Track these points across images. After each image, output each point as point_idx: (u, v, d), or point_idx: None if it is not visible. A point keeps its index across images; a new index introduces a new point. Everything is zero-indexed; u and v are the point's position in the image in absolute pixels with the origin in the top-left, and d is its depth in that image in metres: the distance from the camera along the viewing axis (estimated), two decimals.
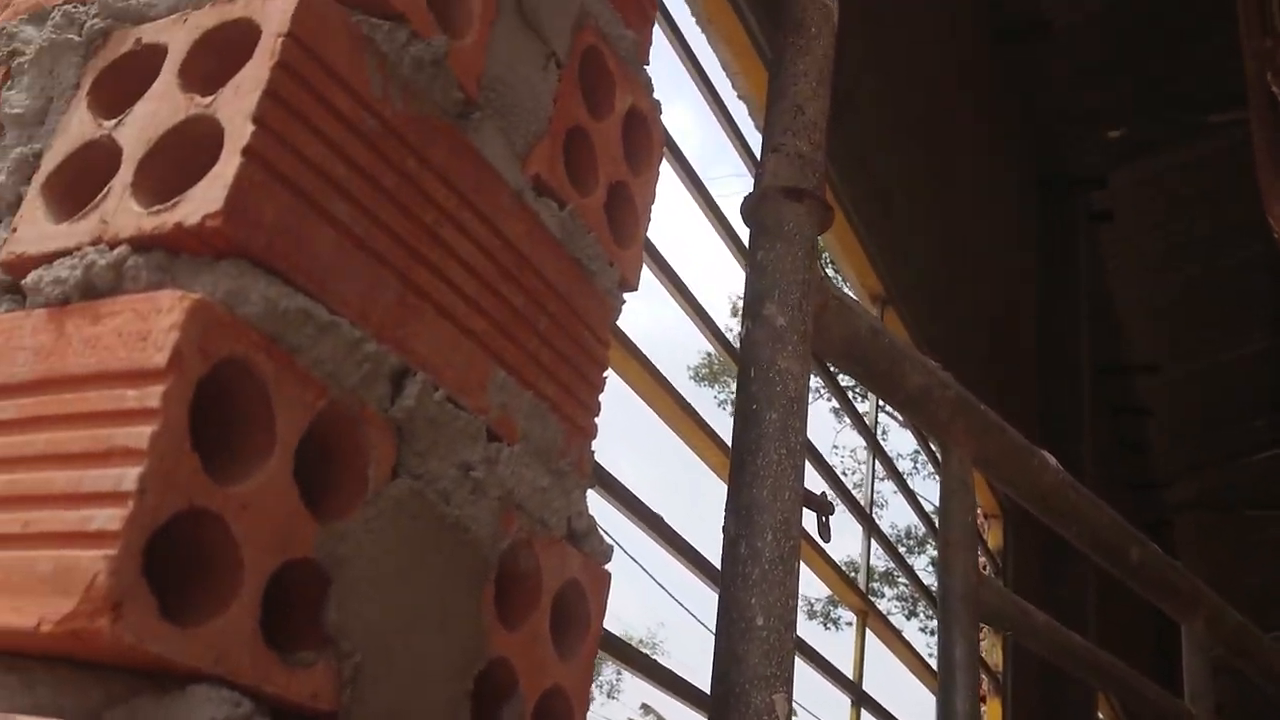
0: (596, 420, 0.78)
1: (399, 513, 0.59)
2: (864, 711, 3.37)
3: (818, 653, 3.06)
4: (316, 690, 0.53)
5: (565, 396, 0.74)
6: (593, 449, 0.77)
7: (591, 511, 0.77)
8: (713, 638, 1.14)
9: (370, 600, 0.57)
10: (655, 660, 2.53)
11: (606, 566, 0.76)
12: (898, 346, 1.36)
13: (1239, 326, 8.58)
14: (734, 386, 1.17)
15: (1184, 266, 8.20)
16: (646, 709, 20.89)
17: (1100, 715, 7.02)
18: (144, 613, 0.46)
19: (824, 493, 1.27)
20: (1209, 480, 9.93)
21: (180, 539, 0.50)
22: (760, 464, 1.15)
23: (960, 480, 1.45)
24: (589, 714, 0.75)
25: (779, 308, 1.21)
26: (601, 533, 0.76)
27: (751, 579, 1.12)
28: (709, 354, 22.10)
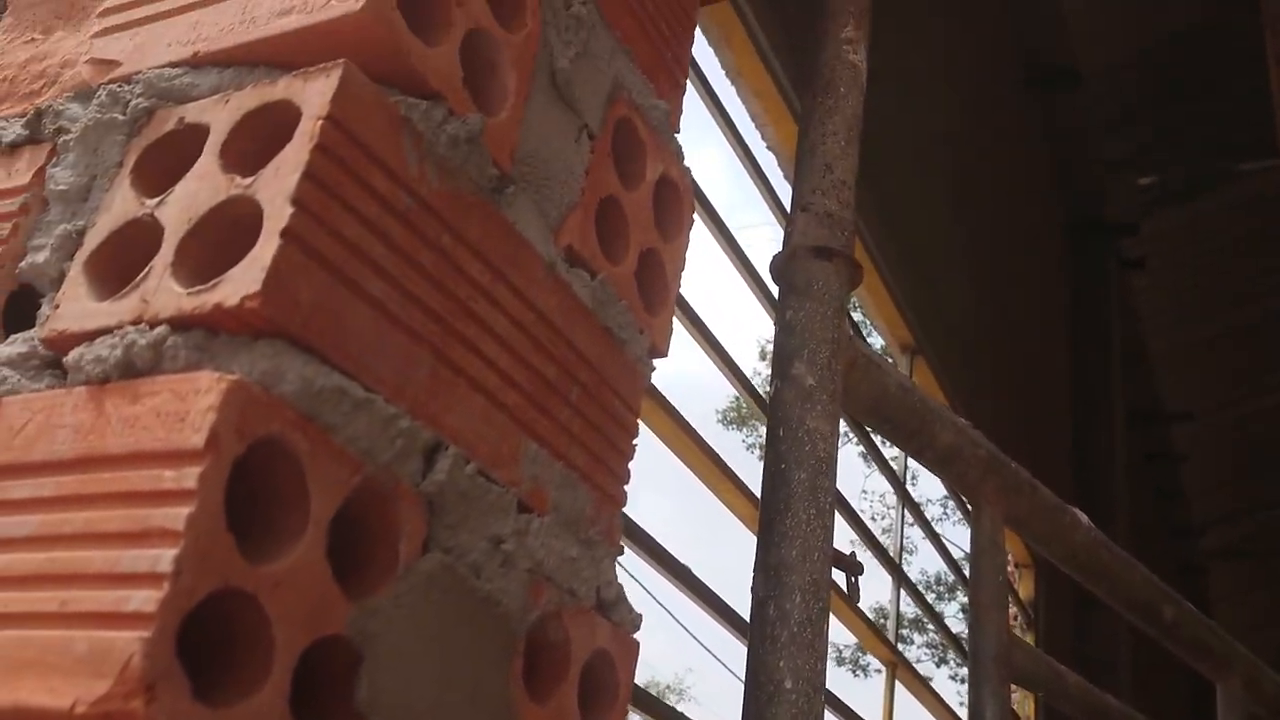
0: (626, 488, 0.78)
1: (430, 587, 0.59)
2: None
3: (847, 706, 3.03)
4: None
5: (596, 465, 0.74)
6: (621, 516, 0.77)
7: (620, 577, 0.77)
8: (740, 684, 1.13)
9: (401, 676, 0.57)
10: (681, 713, 2.51)
11: (635, 635, 0.76)
12: (928, 404, 1.36)
13: (1273, 373, 8.49)
14: (762, 430, 1.17)
15: (1217, 313, 8.14)
16: None
17: None
18: (177, 695, 0.47)
19: (853, 552, 1.26)
20: (1244, 527, 9.79)
21: (212, 616, 0.50)
22: (789, 524, 1.15)
23: (991, 539, 1.44)
24: None
25: (808, 367, 1.21)
26: (630, 601, 0.76)
27: (780, 641, 1.12)
28: (736, 398, 22.08)
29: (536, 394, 0.69)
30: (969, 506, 1.48)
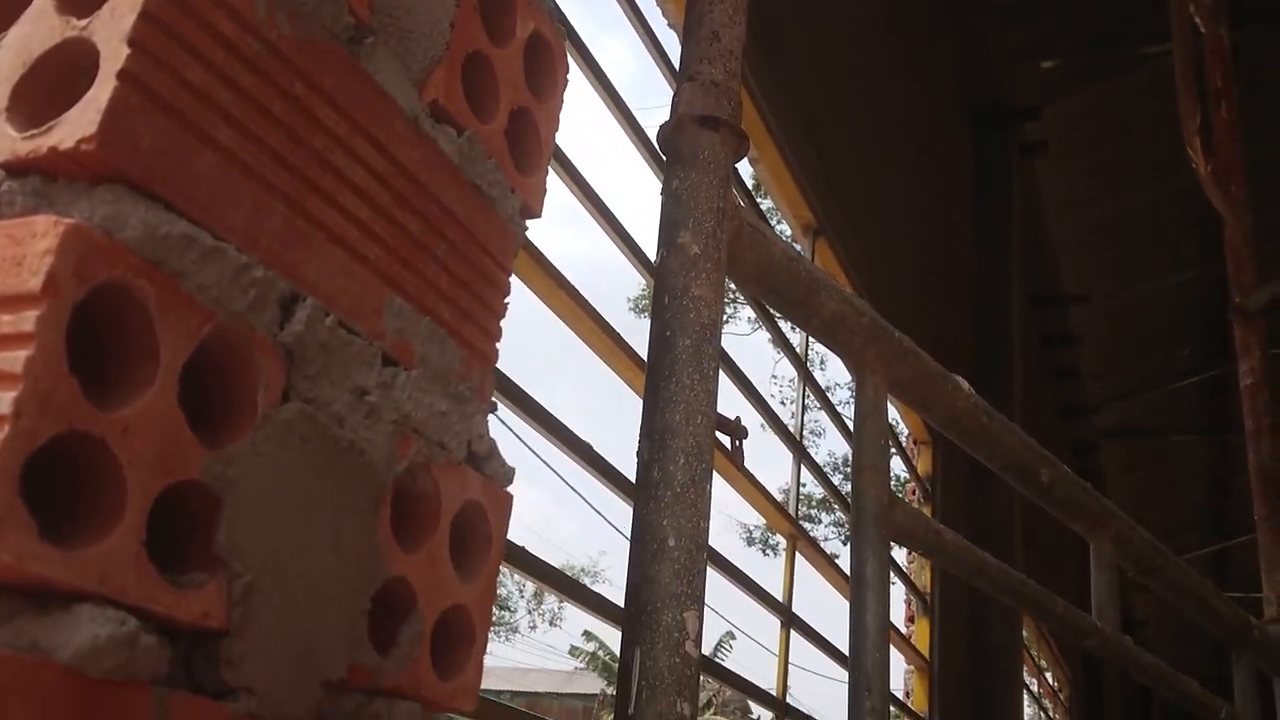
0: (498, 345, 0.79)
1: (289, 436, 0.59)
2: (793, 631, 3.46)
3: (749, 576, 3.13)
4: (207, 609, 0.54)
5: (465, 321, 0.75)
6: (495, 372, 0.78)
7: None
8: None
9: (261, 522, 0.57)
10: (595, 591, 2.57)
11: (509, 489, 0.78)
12: (812, 273, 1.38)
13: (1168, 256, 8.75)
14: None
15: (1116, 197, 8.33)
16: (589, 636, 21.17)
17: (1025, 633, 7.25)
18: (23, 534, 0.47)
19: (738, 418, 1.29)
20: (1135, 407, 10.18)
21: (65, 463, 0.50)
22: (674, 389, 1.16)
23: (874, 405, 1.48)
24: (535, 640, 0.77)
25: (693, 236, 1.22)
26: (503, 455, 0.77)
27: (664, 501, 1.14)
28: (649, 285, 22.12)
29: (400, 248, 0.69)
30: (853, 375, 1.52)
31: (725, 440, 1.19)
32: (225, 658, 0.55)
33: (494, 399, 0.78)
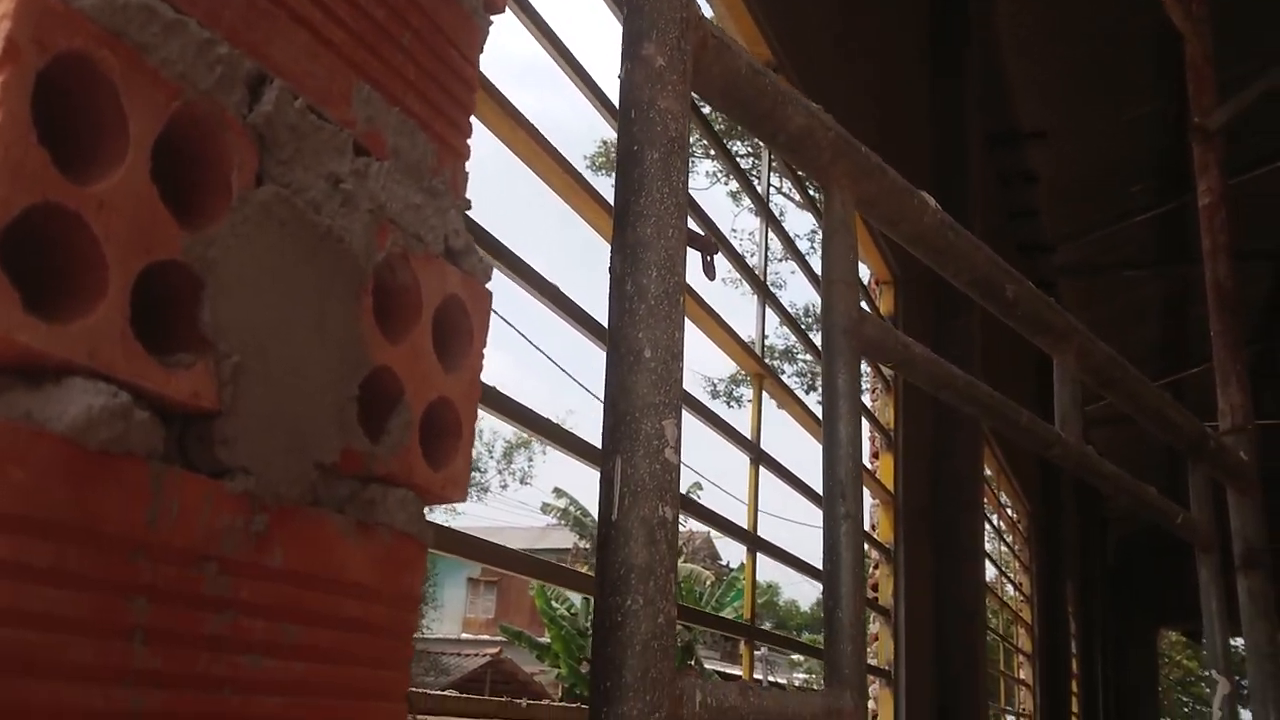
0: (469, 142, 0.77)
1: (267, 219, 0.59)
2: (762, 468, 3.53)
3: (718, 416, 3.17)
4: (197, 389, 0.54)
5: (434, 115, 0.73)
6: (467, 170, 0.77)
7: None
8: None
9: (244, 304, 0.57)
10: (568, 430, 2.59)
11: (488, 285, 0.78)
12: (779, 87, 1.36)
13: (1126, 92, 8.71)
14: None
15: (1075, 32, 8.23)
16: (559, 493, 21.52)
17: (986, 469, 7.44)
18: (7, 305, 0.46)
19: (708, 233, 1.29)
20: (1092, 244, 10.27)
21: (43, 245, 0.50)
22: (644, 203, 1.16)
23: (842, 221, 1.48)
24: (507, 498, 0.77)
25: (657, 47, 1.20)
26: (480, 252, 0.77)
27: (638, 314, 1.15)
28: (604, 142, 21.83)
29: (365, 34, 0.67)
30: (820, 193, 1.51)
31: (698, 257, 1.19)
32: (218, 438, 0.55)
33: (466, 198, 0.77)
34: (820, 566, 1.27)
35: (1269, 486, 2.85)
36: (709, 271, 1.37)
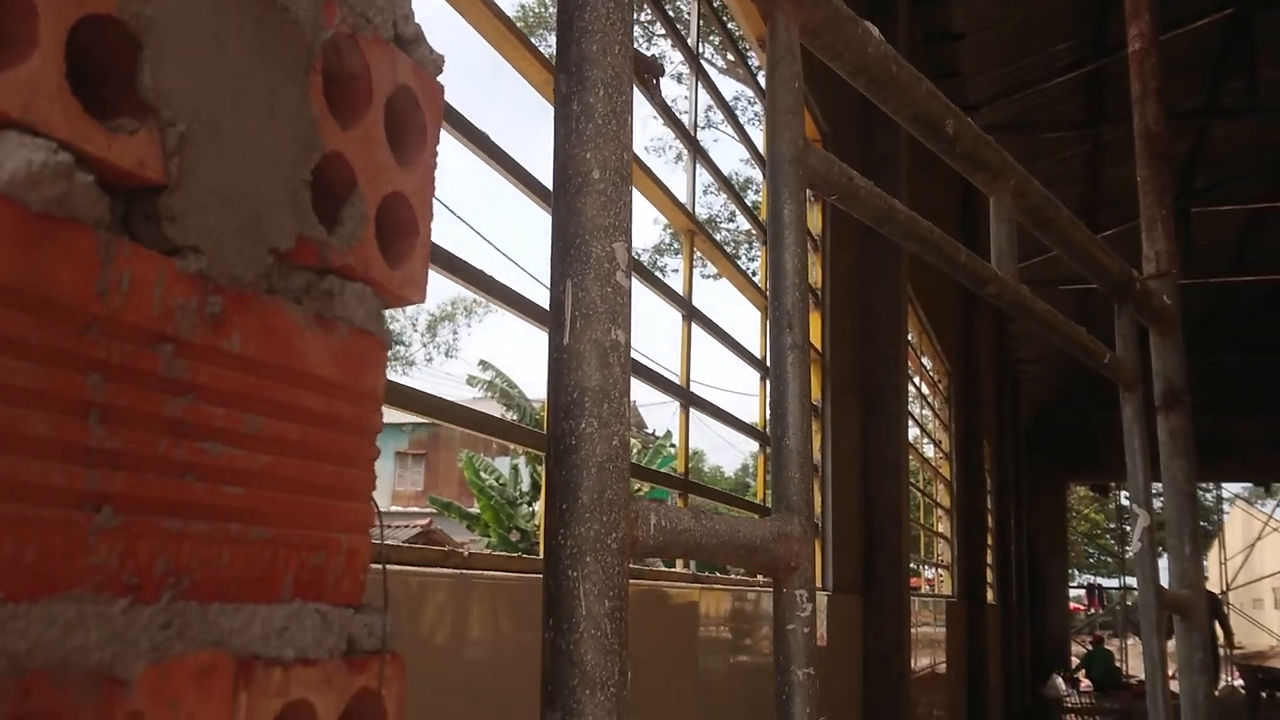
0: None
1: None
2: (694, 325, 3.53)
3: (651, 271, 3.15)
4: (141, 158, 0.51)
5: None
6: None
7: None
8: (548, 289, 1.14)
9: (187, 69, 0.53)
10: (505, 285, 2.55)
11: (439, 79, 0.74)
12: None
13: None
14: (553, 40, 1.12)
15: None
16: (485, 365, 21.49)
17: (910, 334, 7.56)
18: None
19: (653, 55, 1.25)
20: (1015, 104, 10.30)
21: None
22: (588, 18, 1.11)
23: (786, 49, 1.44)
24: (433, 372, 0.74)
25: None
26: (431, 43, 0.73)
27: (585, 134, 1.11)
28: (523, 6, 21.23)
29: None
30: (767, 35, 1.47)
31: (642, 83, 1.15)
32: (166, 213, 0.52)
33: None
34: (749, 423, 1.27)
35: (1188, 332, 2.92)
36: (656, 95, 1.33)
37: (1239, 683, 17.27)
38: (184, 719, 0.51)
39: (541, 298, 2.63)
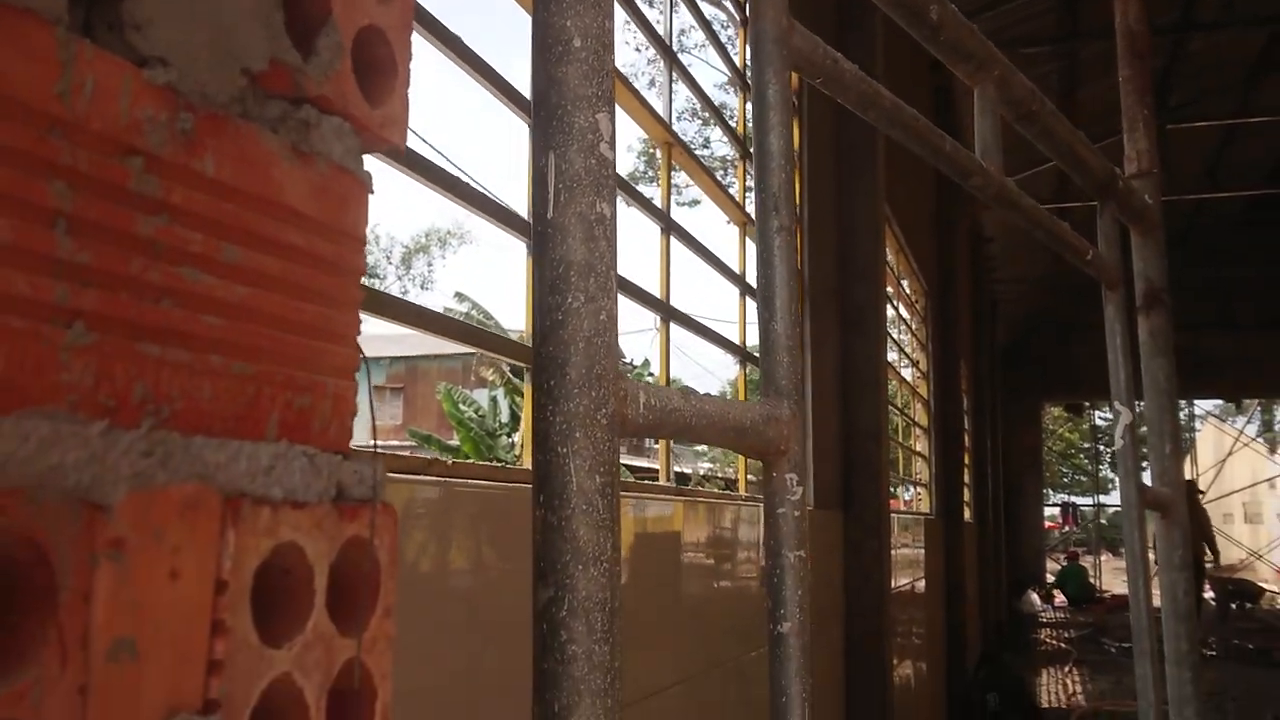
0: None
1: None
2: (672, 238, 3.50)
3: (628, 183, 3.11)
4: None
5: None
6: None
7: None
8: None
9: None
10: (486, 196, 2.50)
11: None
12: None
13: None
14: None
15: None
16: (461, 297, 21.38)
17: (888, 253, 7.54)
18: None
19: None
20: (989, 20, 10.20)
21: None
22: None
23: None
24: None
25: None
26: None
27: (565, 1, 1.08)
28: None
29: None
30: None
31: None
32: (130, 20, 0.49)
33: None
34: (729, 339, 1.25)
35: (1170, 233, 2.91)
36: None
37: (1209, 595, 17.63)
38: (169, 552, 0.49)
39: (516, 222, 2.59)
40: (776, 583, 1.15)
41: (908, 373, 9.61)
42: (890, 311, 8.23)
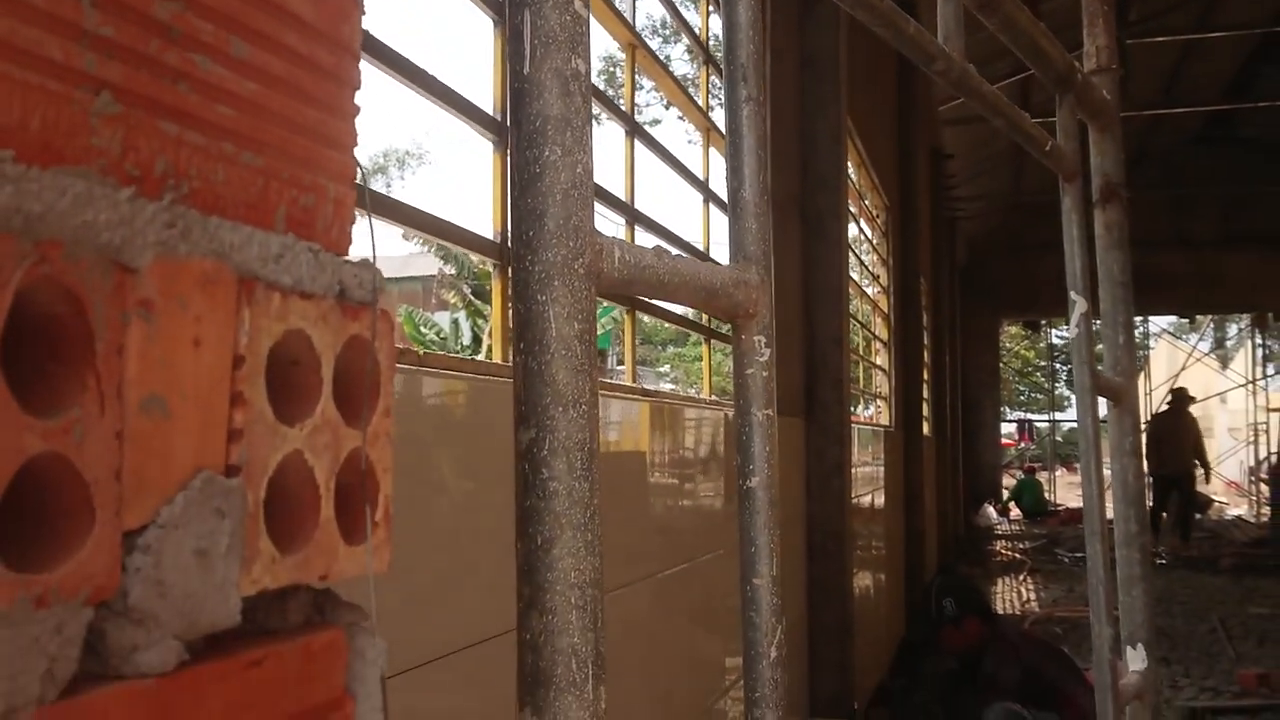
0: None
1: None
2: (636, 141, 3.51)
3: (596, 88, 3.10)
4: None
5: None
6: None
7: None
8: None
9: None
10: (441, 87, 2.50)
11: None
12: None
13: None
14: None
15: None
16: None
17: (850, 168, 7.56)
18: None
19: None
20: None
21: None
22: None
23: None
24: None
25: None
26: None
27: None
28: None
29: None
30: None
31: None
32: None
33: None
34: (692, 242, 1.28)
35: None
36: None
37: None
38: (193, 321, 0.52)
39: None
40: (745, 440, 1.19)
41: (870, 290, 9.70)
42: (853, 229, 8.28)
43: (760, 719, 1.12)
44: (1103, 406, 2.51)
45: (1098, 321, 2.69)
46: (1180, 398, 16.90)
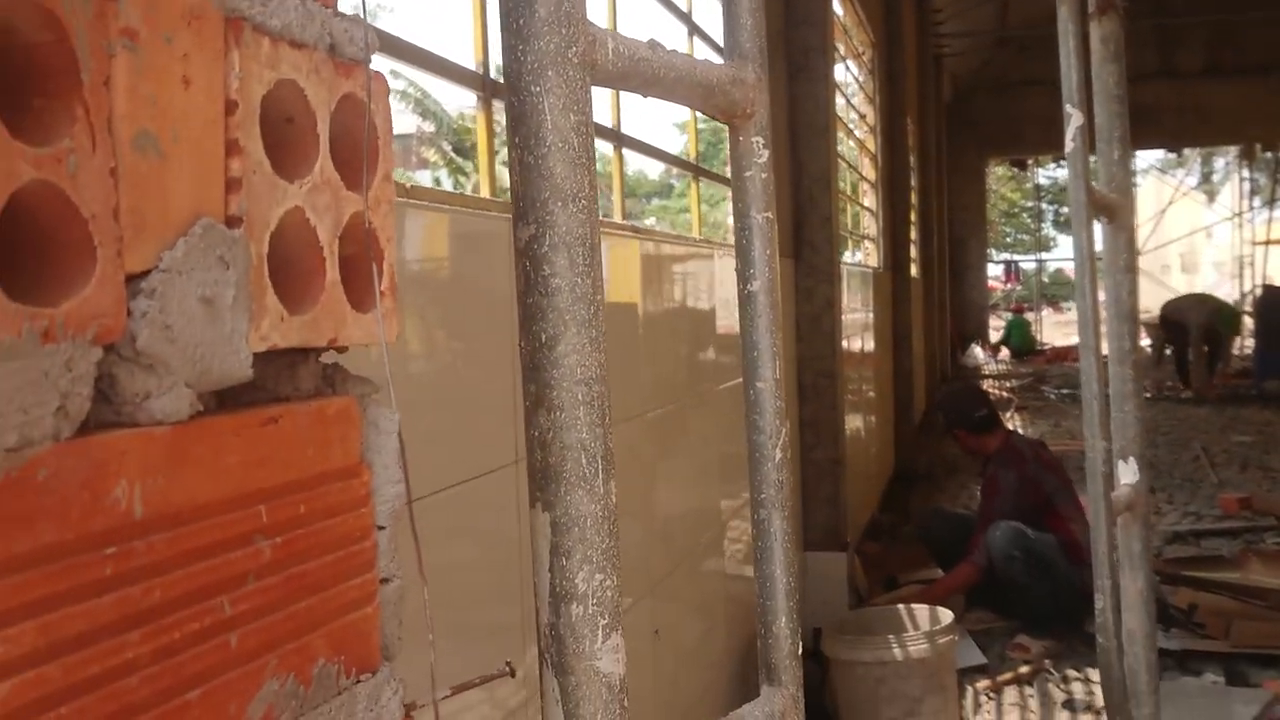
0: None
1: None
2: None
3: None
4: None
5: None
6: None
7: None
8: None
9: None
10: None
11: None
12: None
13: None
14: None
15: None
16: (395, 74, 20.72)
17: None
18: None
19: None
20: None
21: None
22: None
23: None
24: None
25: None
26: None
27: None
28: None
29: None
30: None
31: None
32: None
33: None
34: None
35: None
36: None
37: (1146, 342, 18.22)
38: (180, 58, 0.50)
39: None
40: (745, 244, 1.18)
41: (857, 131, 9.57)
42: (840, 69, 8.11)
43: (766, 519, 1.13)
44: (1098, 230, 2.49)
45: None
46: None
